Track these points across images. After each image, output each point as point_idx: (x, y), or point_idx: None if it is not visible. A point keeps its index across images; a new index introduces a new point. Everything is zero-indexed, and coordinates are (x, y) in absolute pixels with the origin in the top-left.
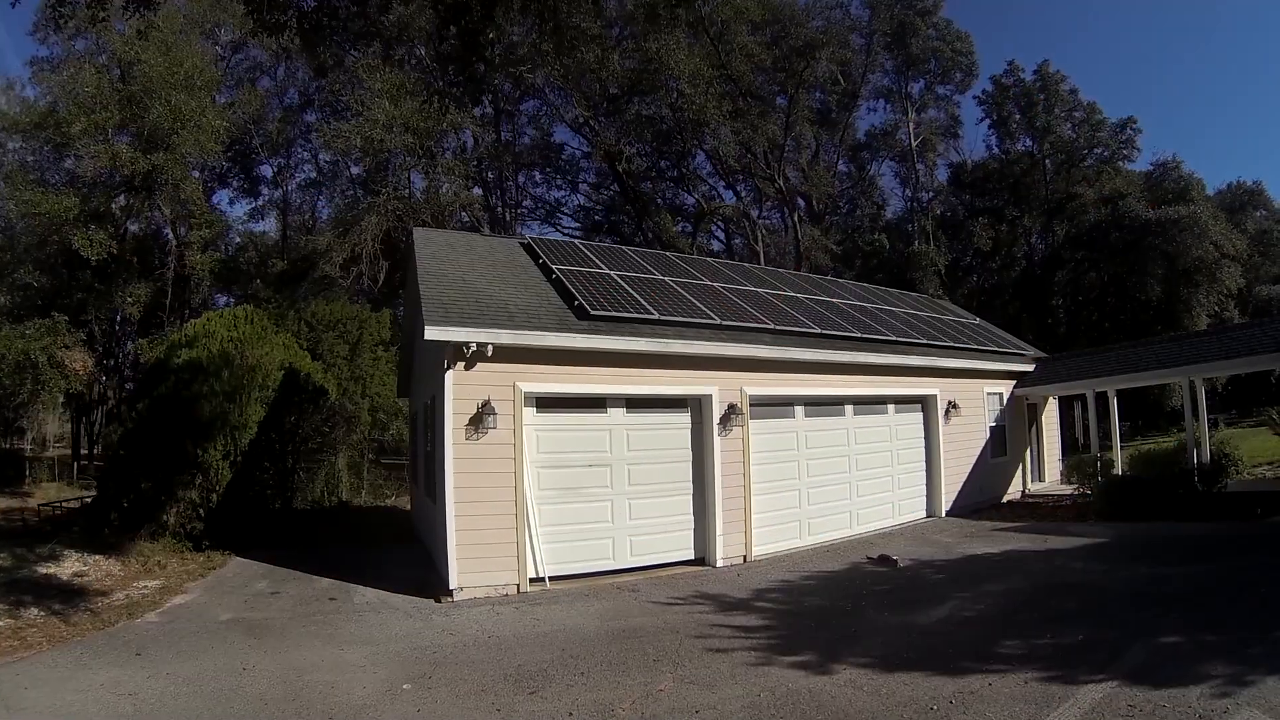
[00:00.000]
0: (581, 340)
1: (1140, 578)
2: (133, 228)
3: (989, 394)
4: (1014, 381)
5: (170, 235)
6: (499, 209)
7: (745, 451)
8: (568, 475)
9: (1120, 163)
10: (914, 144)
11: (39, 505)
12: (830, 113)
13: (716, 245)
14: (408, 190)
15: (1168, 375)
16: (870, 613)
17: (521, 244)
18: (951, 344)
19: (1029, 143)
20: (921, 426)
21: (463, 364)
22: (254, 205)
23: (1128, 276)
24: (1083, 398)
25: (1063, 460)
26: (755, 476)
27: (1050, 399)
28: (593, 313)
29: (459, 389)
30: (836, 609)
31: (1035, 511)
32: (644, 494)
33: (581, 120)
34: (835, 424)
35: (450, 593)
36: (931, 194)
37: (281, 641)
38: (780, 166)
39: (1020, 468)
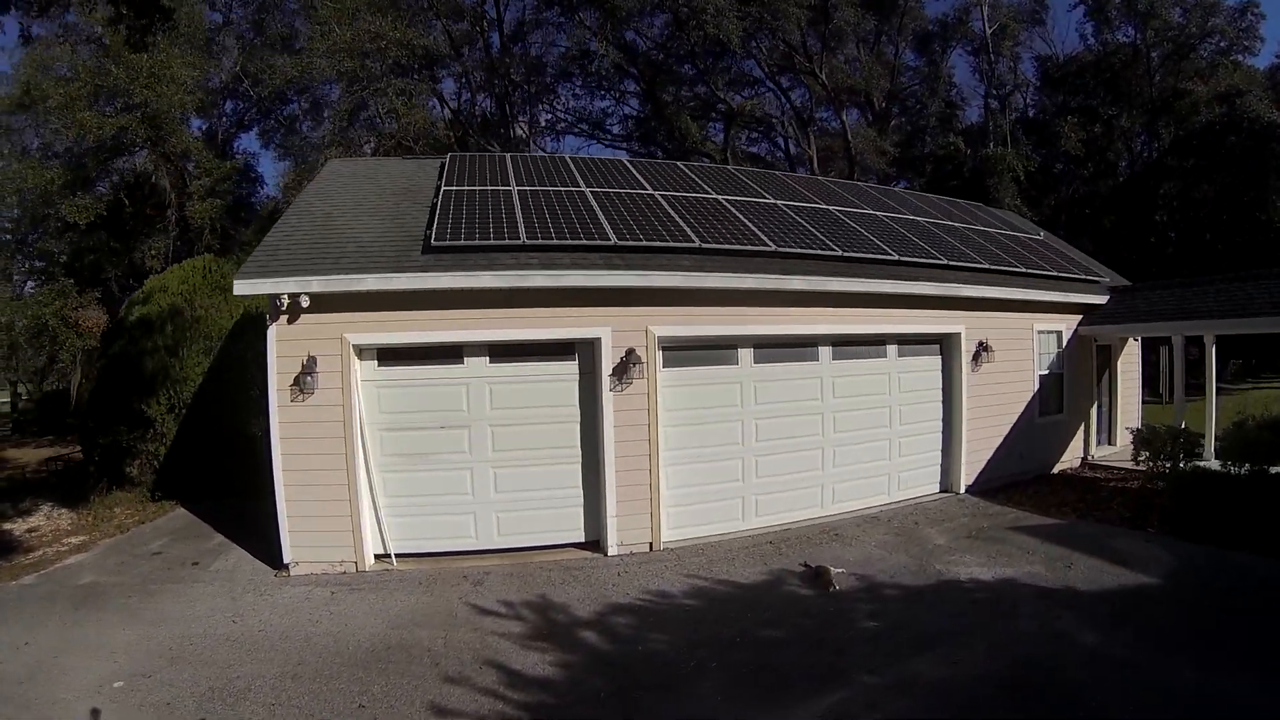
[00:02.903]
0: (406, 280)
1: (1180, 703)
2: (163, 183)
3: (1041, 332)
4: (1079, 316)
5: (168, 187)
6: (513, 128)
7: (651, 410)
8: (415, 439)
9: (1239, 55)
10: (988, 32)
11: (48, 458)
12: None
13: (780, 155)
14: (386, 118)
15: None
16: (707, 687)
17: (441, 164)
18: (989, 265)
19: (1131, 32)
20: (939, 374)
21: (285, 318)
22: (271, 146)
23: (1245, 190)
24: (1169, 341)
25: (1141, 421)
26: (669, 441)
27: (1130, 340)
28: (435, 243)
29: (282, 345)
30: (674, 669)
31: (1086, 496)
32: (514, 461)
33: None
34: (802, 372)
35: (285, 567)
36: (1010, 87)
37: (92, 614)
38: (823, 57)
39: (1083, 428)
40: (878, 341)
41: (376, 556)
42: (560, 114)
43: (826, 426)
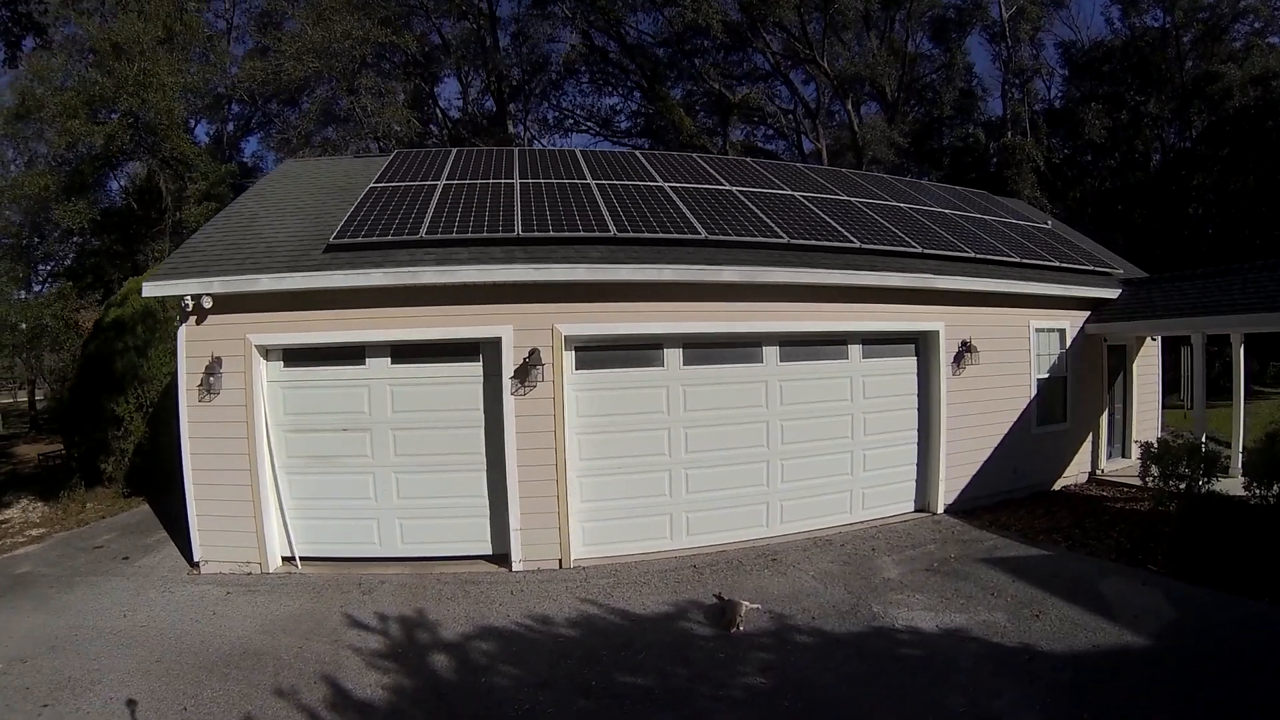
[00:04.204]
0: (300, 280)
1: None
2: (160, 187)
3: (1039, 330)
4: (1086, 313)
5: (164, 191)
6: (508, 125)
7: (558, 415)
8: (320, 441)
9: (1275, 38)
10: (1005, 16)
11: (43, 454)
12: None
13: (794, 151)
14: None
15: None
16: None
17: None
18: (975, 254)
19: (1159, 15)
20: (914, 377)
21: (194, 319)
22: (270, 148)
23: None
24: (1191, 339)
25: (1161, 430)
26: (583, 450)
27: (1149, 339)
28: (335, 241)
29: (191, 346)
30: (504, 710)
31: (1084, 520)
32: (416, 467)
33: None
34: (741, 375)
35: (196, 565)
36: (1029, 74)
37: (10, 601)
38: (823, 45)
39: (1091, 439)
40: (836, 340)
41: (284, 559)
42: (567, 111)
43: (772, 436)
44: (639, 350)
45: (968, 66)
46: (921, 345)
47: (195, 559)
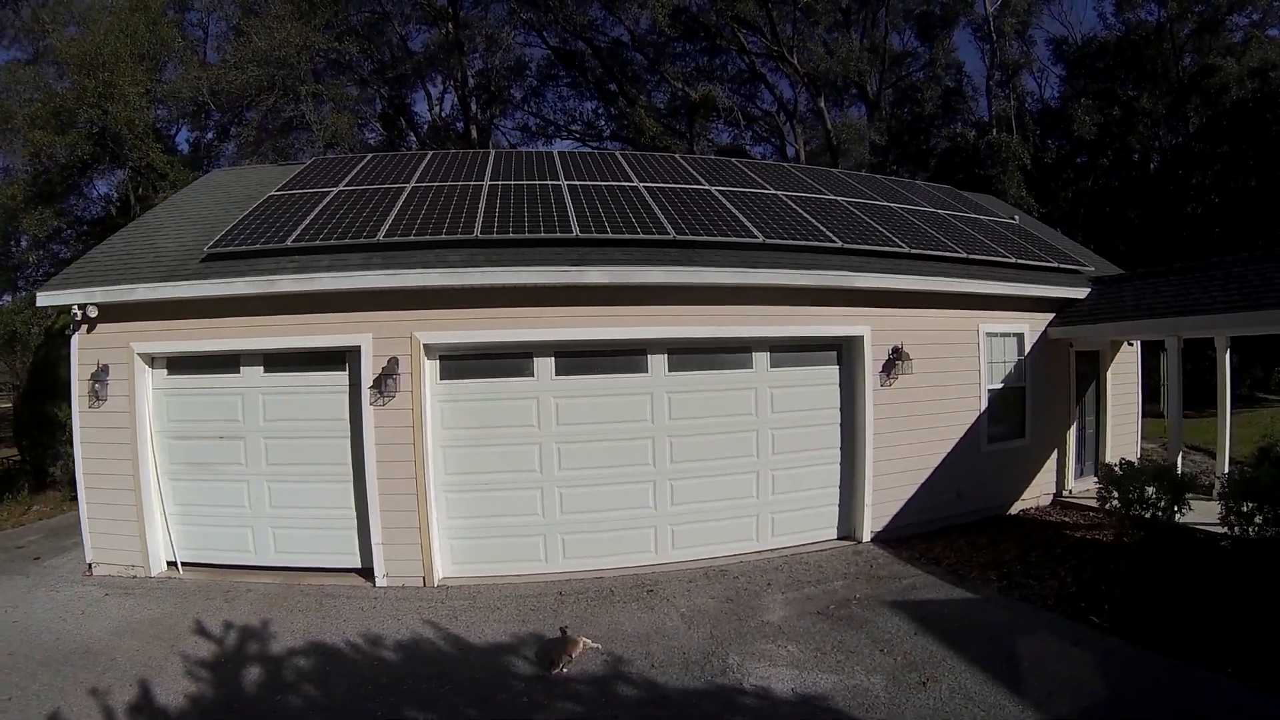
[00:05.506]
0: (170, 289)
1: None
2: (129, 196)
3: (991, 335)
4: (1049, 314)
5: (132, 199)
6: (474, 132)
7: (417, 426)
8: (198, 448)
9: (1275, 30)
10: (990, 10)
11: (1, 458)
12: None
13: (784, 154)
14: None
15: None
16: None
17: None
18: (911, 249)
19: (1154, 9)
20: (835, 389)
21: (85, 327)
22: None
23: None
24: (1166, 344)
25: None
26: (449, 464)
27: (1125, 344)
28: (210, 250)
29: (82, 354)
30: None
31: (1030, 553)
32: (287, 476)
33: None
34: (622, 386)
35: (90, 567)
36: (1012, 68)
37: None
38: (793, 41)
39: (1056, 456)
40: (738, 348)
41: (168, 563)
42: (548, 119)
43: (659, 454)
44: (507, 359)
45: (956, 65)
46: (845, 352)
47: (87, 561)
